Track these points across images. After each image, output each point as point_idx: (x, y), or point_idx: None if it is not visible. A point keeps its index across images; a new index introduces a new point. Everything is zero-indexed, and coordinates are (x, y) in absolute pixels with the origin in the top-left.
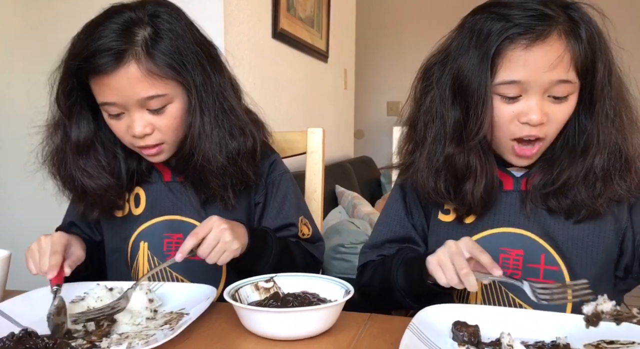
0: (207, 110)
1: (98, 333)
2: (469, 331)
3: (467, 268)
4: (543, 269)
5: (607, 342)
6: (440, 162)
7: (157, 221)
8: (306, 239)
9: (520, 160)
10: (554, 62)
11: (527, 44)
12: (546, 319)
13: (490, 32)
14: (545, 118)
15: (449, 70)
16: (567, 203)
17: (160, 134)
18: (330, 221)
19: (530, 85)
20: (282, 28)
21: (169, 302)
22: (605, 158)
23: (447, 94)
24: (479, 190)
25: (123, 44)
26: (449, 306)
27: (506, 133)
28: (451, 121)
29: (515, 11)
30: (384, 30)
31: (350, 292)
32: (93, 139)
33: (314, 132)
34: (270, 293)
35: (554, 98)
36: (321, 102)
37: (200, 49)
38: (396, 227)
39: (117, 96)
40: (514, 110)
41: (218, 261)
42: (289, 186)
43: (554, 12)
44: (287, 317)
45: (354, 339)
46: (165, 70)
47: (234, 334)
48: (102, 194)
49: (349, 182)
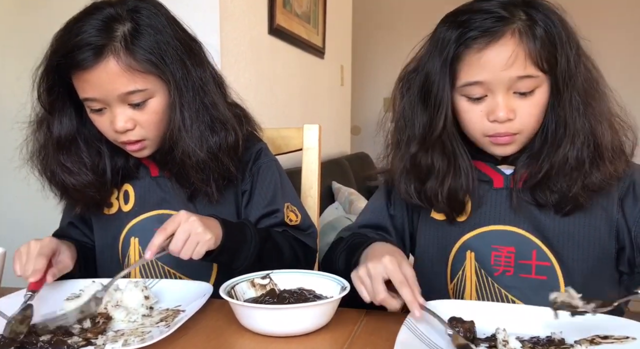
0: (187, 104)
1: (94, 330)
2: (465, 327)
3: (383, 293)
4: (535, 265)
5: (601, 337)
6: (407, 162)
7: (146, 216)
8: (295, 226)
9: (501, 148)
10: (509, 61)
11: (481, 47)
12: (541, 315)
13: (449, 39)
14: (512, 114)
15: (418, 77)
16: (554, 196)
17: (142, 130)
18: (327, 217)
19: (492, 85)
20: (278, 24)
21: (165, 299)
22: (578, 147)
23: (416, 100)
24: (444, 190)
25: (102, 40)
26: (445, 302)
27: (478, 131)
28: (419, 125)
29: (473, 16)
30: (380, 26)
31: (347, 288)
32: (75, 135)
33: (310, 128)
34: (266, 289)
35: (520, 94)
36: (317, 98)
37: (180, 44)
38: (372, 214)
39: (98, 92)
40: (482, 109)
41: (193, 254)
42: (274, 172)
43: (509, 14)
44: (284, 314)
45: (350, 335)
46: (145, 65)
47: (230, 331)
48: (82, 190)
49: (345, 179)
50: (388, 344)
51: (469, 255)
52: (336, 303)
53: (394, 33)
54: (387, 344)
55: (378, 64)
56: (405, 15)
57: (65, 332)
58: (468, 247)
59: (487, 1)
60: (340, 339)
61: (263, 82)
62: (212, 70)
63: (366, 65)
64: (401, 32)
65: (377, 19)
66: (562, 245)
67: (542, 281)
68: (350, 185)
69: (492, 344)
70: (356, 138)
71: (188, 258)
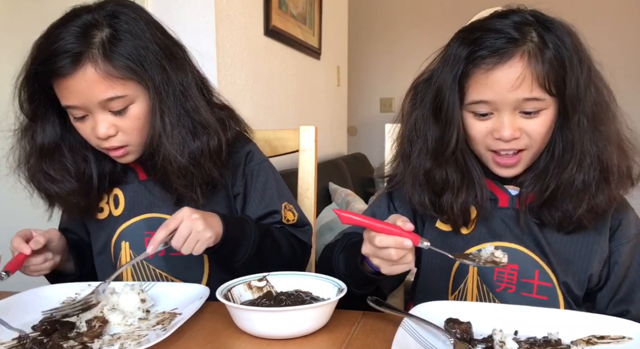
0: (167, 110)
1: (90, 334)
2: (462, 328)
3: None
4: (537, 285)
5: (597, 337)
6: (421, 176)
7: (136, 220)
8: (292, 224)
9: (503, 170)
10: (516, 82)
11: (489, 67)
12: (538, 315)
13: (460, 56)
14: (517, 133)
15: (431, 90)
16: (558, 215)
17: (124, 136)
18: (324, 218)
19: (498, 104)
20: (274, 25)
21: (161, 302)
22: (585, 170)
23: (429, 113)
24: (458, 203)
25: (79, 47)
26: (442, 303)
27: (482, 146)
28: (432, 138)
29: (485, 35)
30: (376, 26)
31: (344, 290)
32: (59, 142)
33: (307, 130)
34: (263, 291)
35: (525, 113)
36: (314, 99)
37: (159, 49)
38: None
39: (78, 99)
40: (487, 126)
41: (193, 250)
42: (268, 173)
43: (520, 35)
44: (281, 316)
45: (348, 337)
46: (123, 72)
47: (227, 333)
48: (66, 198)
49: (342, 180)
50: (385, 345)
51: (471, 269)
52: (333, 305)
53: (389, 34)
54: (384, 345)
55: (374, 65)
56: (401, 16)
57: (61, 335)
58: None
59: (501, 19)
60: (337, 341)
61: (259, 83)
62: (196, 73)
63: (362, 66)
64: (397, 33)
65: (372, 20)
66: (563, 268)
67: (543, 302)
68: (347, 186)
69: (489, 345)
70: (353, 139)
71: (188, 254)
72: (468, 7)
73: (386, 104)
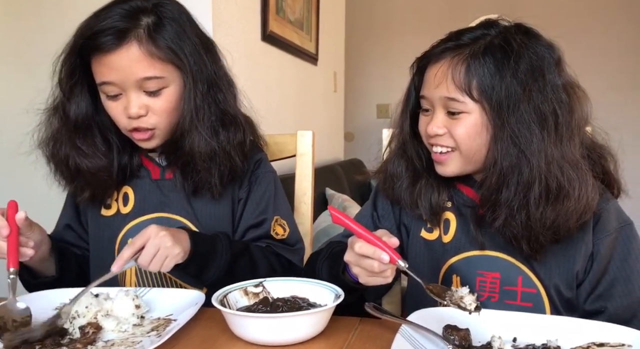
0: (200, 95)
1: (83, 341)
2: (460, 335)
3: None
4: (521, 292)
5: (597, 344)
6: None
7: (145, 219)
8: (281, 240)
9: (437, 166)
10: (436, 80)
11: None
12: (537, 322)
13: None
14: (441, 131)
15: (412, 90)
16: (523, 242)
17: (154, 117)
18: (321, 223)
19: (428, 101)
20: (272, 30)
21: (156, 308)
22: (521, 182)
23: (407, 112)
24: (411, 194)
25: (126, 24)
26: (440, 309)
27: (425, 141)
28: (400, 130)
29: (443, 39)
30: (373, 33)
31: (341, 296)
32: (90, 121)
33: (304, 134)
34: (259, 298)
35: (451, 113)
36: (311, 104)
37: (199, 40)
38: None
39: (117, 75)
40: (424, 121)
41: (162, 267)
42: (270, 183)
43: (461, 40)
44: (277, 322)
45: (345, 343)
46: (165, 54)
47: (222, 340)
48: (96, 173)
49: (339, 185)
50: None
51: (454, 279)
52: (330, 311)
53: (386, 40)
54: None
55: (371, 71)
56: (398, 22)
57: (54, 342)
58: (454, 271)
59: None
60: (334, 347)
61: (256, 88)
62: (226, 71)
63: (359, 72)
64: (394, 39)
65: (369, 26)
66: (545, 273)
67: (528, 309)
68: (344, 191)
69: None
70: (349, 144)
71: (156, 271)
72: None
73: (383, 110)
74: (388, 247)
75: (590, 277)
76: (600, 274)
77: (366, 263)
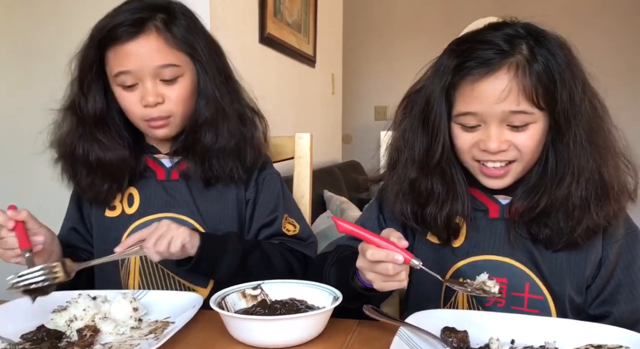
0: (214, 83)
1: (81, 344)
2: (458, 337)
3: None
4: (527, 298)
5: (595, 346)
6: (406, 186)
7: (150, 219)
8: (294, 236)
9: (490, 180)
10: (502, 94)
11: (476, 78)
12: (535, 324)
13: (448, 67)
14: (504, 145)
15: (421, 100)
16: (547, 232)
17: (170, 105)
18: (319, 225)
19: (485, 116)
20: (269, 33)
21: (154, 310)
22: (583, 186)
23: (417, 123)
24: (442, 215)
25: (145, 15)
26: (438, 311)
27: (469, 156)
28: (419, 148)
29: (475, 46)
30: (371, 35)
31: (339, 298)
32: (106, 116)
33: (302, 137)
34: (257, 300)
35: (513, 126)
36: (309, 107)
37: (208, 40)
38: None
39: (135, 64)
40: (474, 137)
41: (170, 248)
42: (277, 184)
43: (510, 47)
44: (275, 325)
45: (343, 346)
46: (181, 43)
47: (220, 342)
48: (118, 165)
49: (337, 187)
50: None
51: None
52: (328, 314)
53: (384, 42)
54: None
55: (369, 73)
56: (396, 25)
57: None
58: (461, 275)
59: (493, 31)
60: None
61: (254, 91)
62: (232, 72)
63: (357, 74)
64: (391, 42)
65: (367, 28)
66: (555, 279)
67: (535, 315)
68: (342, 193)
69: None
70: (347, 147)
71: (164, 250)
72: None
73: (381, 112)
74: (399, 248)
75: (597, 282)
76: (606, 280)
77: (380, 267)
